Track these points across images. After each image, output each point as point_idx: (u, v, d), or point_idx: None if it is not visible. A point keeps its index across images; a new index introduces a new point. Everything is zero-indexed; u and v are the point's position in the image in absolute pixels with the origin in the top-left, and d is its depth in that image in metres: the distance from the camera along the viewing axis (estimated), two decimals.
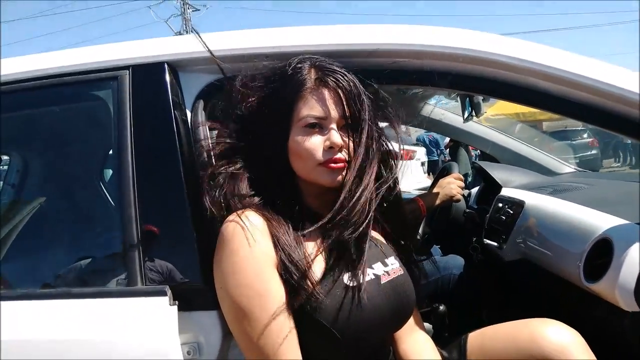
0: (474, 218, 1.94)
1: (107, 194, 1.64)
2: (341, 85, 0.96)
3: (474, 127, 2.29)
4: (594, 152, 12.20)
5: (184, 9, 22.15)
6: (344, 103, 0.95)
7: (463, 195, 1.91)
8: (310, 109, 0.95)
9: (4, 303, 1.03)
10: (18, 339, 1.00)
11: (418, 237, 1.92)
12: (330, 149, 0.94)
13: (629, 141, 12.51)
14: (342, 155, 0.95)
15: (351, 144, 0.96)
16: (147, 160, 1.06)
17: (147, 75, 1.10)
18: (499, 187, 1.95)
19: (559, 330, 1.01)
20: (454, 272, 1.87)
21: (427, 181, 8.44)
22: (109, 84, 1.13)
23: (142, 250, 1.01)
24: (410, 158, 8.21)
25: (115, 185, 1.07)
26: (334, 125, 0.95)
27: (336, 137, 0.94)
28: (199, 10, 23.15)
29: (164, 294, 0.96)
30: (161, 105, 1.08)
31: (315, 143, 0.94)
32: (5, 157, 1.89)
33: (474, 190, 2.37)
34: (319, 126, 0.95)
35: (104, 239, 1.31)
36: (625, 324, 1.08)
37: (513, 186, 1.92)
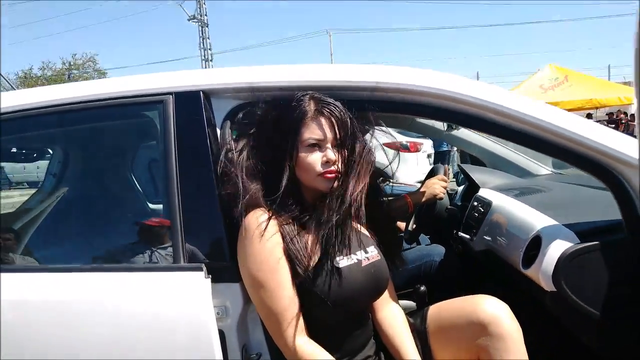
0: (455, 213, 2.18)
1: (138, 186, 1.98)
2: (334, 114, 1.24)
3: (462, 131, 2.48)
4: None
5: None
6: (336, 128, 1.24)
7: (449, 193, 2.19)
8: (311, 132, 1.24)
9: (74, 274, 1.30)
10: (88, 307, 1.26)
11: (409, 228, 2.22)
12: (327, 163, 1.23)
13: None
14: (335, 167, 1.24)
15: (342, 159, 1.25)
16: (187, 166, 1.30)
17: (187, 100, 1.35)
18: (477, 187, 2.19)
19: (493, 303, 1.26)
20: (435, 259, 2.16)
21: None
22: (155, 106, 1.39)
23: (184, 234, 1.27)
24: (417, 150, 8.22)
25: (162, 185, 1.33)
26: (329, 145, 1.24)
27: (330, 154, 1.24)
28: None
29: (200, 269, 1.22)
30: (197, 124, 1.32)
31: (315, 159, 1.23)
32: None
33: (460, 188, 2.64)
34: (318, 146, 1.24)
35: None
36: (546, 300, 1.34)
37: (489, 187, 2.14)
